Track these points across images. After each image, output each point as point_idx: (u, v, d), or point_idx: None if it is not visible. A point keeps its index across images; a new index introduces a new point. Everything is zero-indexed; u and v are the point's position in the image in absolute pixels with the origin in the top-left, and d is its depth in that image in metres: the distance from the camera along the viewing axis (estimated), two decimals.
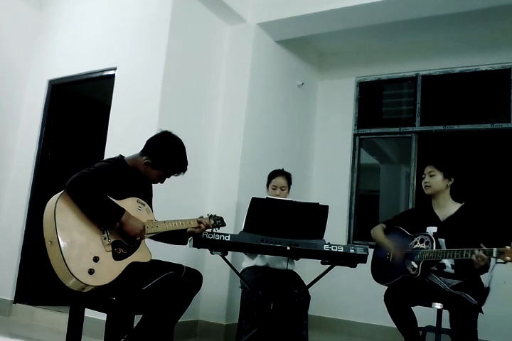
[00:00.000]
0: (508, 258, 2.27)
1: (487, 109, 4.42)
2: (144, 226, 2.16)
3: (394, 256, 2.78)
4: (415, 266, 2.66)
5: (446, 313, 2.58)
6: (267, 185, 3.37)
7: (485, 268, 2.44)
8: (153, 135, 2.44)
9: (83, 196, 2.04)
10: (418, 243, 2.73)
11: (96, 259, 1.99)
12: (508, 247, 2.29)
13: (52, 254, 1.95)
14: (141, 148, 2.39)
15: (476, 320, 2.47)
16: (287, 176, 3.36)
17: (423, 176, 2.88)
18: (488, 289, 2.50)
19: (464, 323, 2.45)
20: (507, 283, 3.55)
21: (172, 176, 2.44)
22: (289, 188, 3.35)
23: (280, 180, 3.31)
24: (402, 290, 2.64)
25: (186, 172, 3.16)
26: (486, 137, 4.37)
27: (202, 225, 2.43)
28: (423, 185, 2.87)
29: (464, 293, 2.52)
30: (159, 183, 2.43)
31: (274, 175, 3.35)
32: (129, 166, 2.33)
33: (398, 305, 2.58)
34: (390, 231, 2.93)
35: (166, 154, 2.33)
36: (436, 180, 2.80)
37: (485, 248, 2.38)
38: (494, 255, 2.34)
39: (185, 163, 2.40)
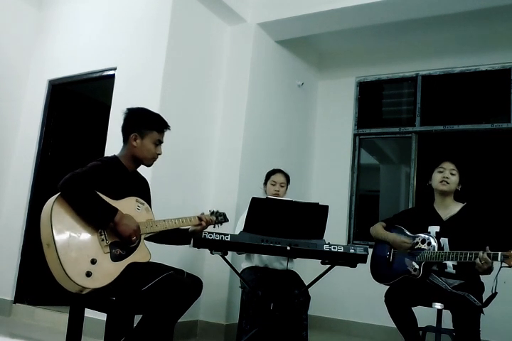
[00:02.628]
0: None
1: (487, 109, 4.42)
2: (137, 226, 2.14)
3: (401, 246, 2.74)
4: (416, 266, 2.64)
5: (445, 313, 2.58)
6: (265, 183, 3.40)
7: (488, 271, 2.42)
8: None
9: (75, 196, 2.02)
10: (420, 243, 2.71)
11: (93, 261, 1.97)
12: None
13: (50, 257, 1.94)
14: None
15: (479, 321, 2.46)
16: (286, 175, 3.41)
17: (441, 170, 2.79)
18: (495, 294, 2.46)
19: (468, 324, 2.43)
20: (507, 283, 3.54)
21: (163, 146, 2.40)
22: (287, 188, 3.39)
23: (280, 177, 3.36)
24: (403, 290, 2.63)
25: (186, 172, 3.13)
26: (486, 137, 4.37)
27: (203, 222, 2.41)
28: (440, 179, 2.77)
29: (467, 293, 2.52)
30: (159, 155, 2.37)
31: (273, 172, 3.41)
32: (123, 164, 2.31)
33: (399, 305, 2.57)
34: (390, 230, 2.91)
35: (143, 116, 2.36)
36: (455, 180, 2.77)
37: (490, 251, 2.36)
38: (499, 259, 2.31)
39: (162, 117, 2.41)
